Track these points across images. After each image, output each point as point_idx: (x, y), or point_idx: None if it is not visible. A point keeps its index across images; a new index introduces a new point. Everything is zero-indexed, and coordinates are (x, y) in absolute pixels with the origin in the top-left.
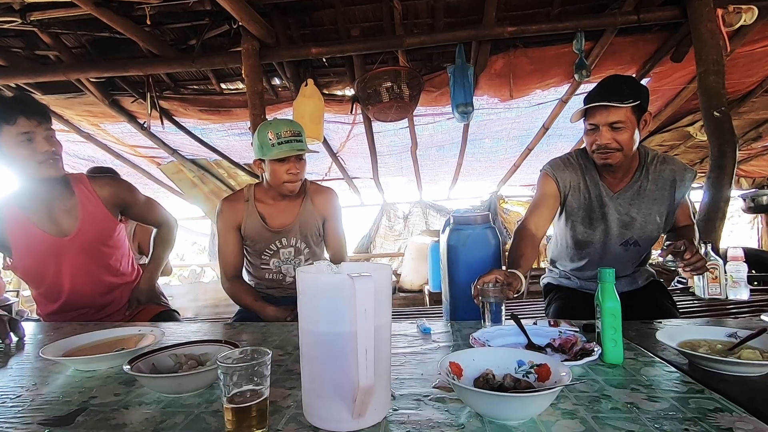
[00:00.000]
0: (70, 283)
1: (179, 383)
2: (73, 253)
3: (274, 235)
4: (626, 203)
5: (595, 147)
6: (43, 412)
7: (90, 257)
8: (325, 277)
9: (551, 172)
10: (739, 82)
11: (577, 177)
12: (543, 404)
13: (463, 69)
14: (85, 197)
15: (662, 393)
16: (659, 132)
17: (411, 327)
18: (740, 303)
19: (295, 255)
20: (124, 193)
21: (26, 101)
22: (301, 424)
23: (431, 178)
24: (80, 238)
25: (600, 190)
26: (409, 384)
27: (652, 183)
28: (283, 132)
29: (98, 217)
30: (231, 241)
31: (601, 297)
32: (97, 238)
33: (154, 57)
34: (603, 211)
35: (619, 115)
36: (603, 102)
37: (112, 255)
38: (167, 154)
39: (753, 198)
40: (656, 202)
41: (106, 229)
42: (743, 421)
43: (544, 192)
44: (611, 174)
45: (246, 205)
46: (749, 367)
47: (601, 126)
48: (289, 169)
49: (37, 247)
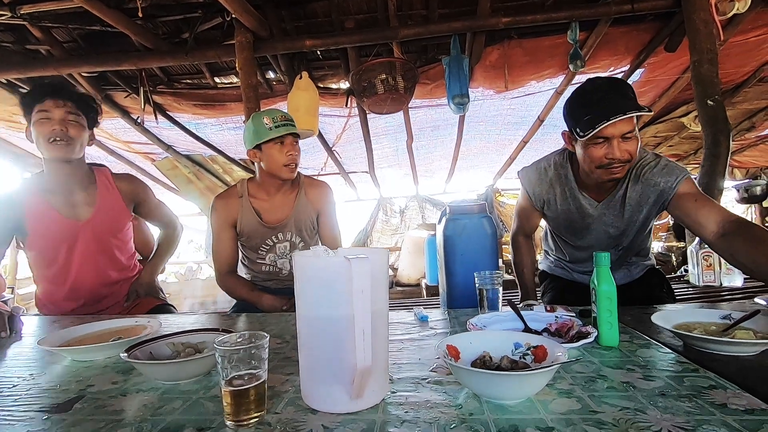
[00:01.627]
0: (77, 269)
1: (177, 370)
2: (85, 239)
3: (269, 230)
4: (611, 213)
5: (607, 162)
6: (40, 400)
7: (100, 246)
8: (321, 260)
9: (525, 185)
10: (733, 72)
11: (552, 190)
12: (540, 383)
13: (459, 60)
14: (104, 187)
15: (657, 372)
16: (653, 123)
17: (408, 315)
18: (734, 290)
19: (290, 249)
20: (141, 190)
21: (61, 86)
22: (299, 407)
23: (427, 168)
24: (94, 224)
25: (581, 203)
26: (407, 368)
27: (633, 190)
28: (278, 117)
29: (114, 208)
30: (225, 238)
31: (596, 280)
32: (109, 226)
33: (146, 51)
34: (586, 222)
35: (631, 125)
36: (628, 113)
37: (119, 249)
38: (162, 150)
39: (746, 189)
40: (641, 209)
41: (118, 220)
42: (737, 396)
43: (523, 201)
44: (596, 186)
45: (240, 201)
46: (743, 346)
47: (614, 138)
48: (288, 151)
49: (52, 227)
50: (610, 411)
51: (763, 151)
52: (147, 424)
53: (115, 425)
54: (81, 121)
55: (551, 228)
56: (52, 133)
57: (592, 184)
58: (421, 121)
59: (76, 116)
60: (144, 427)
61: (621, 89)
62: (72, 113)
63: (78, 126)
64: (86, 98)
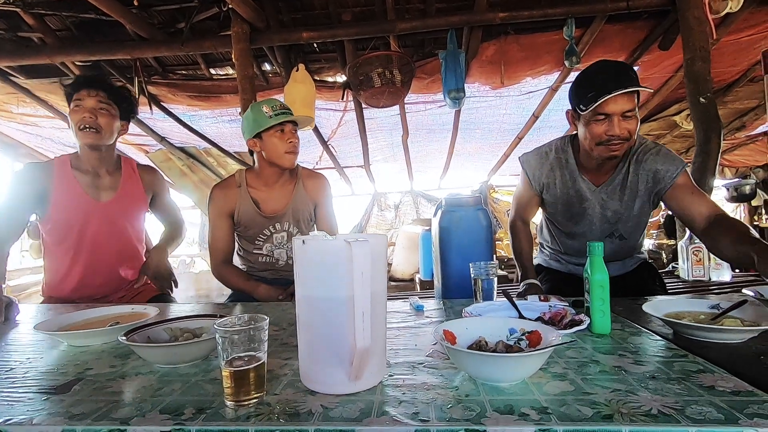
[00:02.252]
0: (88, 250)
1: (176, 353)
2: (100, 220)
3: (267, 220)
4: (609, 198)
5: (606, 138)
6: (38, 382)
7: (114, 230)
8: (322, 243)
9: (525, 168)
10: (725, 71)
11: (552, 174)
12: (535, 365)
13: (455, 55)
14: (128, 174)
15: (648, 358)
16: (646, 121)
17: (404, 305)
18: (722, 284)
19: (287, 240)
20: (159, 183)
21: (96, 77)
22: (298, 388)
23: (422, 165)
24: (112, 207)
25: (580, 185)
26: (404, 353)
27: (633, 174)
28: (277, 105)
29: (134, 194)
30: (222, 227)
31: (590, 270)
32: (126, 211)
33: (141, 40)
34: (583, 207)
35: (632, 103)
36: (628, 87)
37: (131, 239)
38: (155, 142)
39: (736, 187)
40: (639, 195)
41: (136, 207)
42: (724, 380)
43: (523, 186)
44: (596, 168)
45: (239, 191)
46: (731, 333)
47: (615, 115)
48: (289, 138)
49: (73, 201)
50: (602, 393)
51: (753, 150)
52: (147, 404)
53: (114, 405)
54: (112, 110)
55: (548, 216)
56: (83, 121)
57: (592, 168)
58: (417, 124)
59: (107, 105)
60: (144, 407)
61: (624, 69)
62: (103, 102)
63: (108, 115)
64: (120, 89)
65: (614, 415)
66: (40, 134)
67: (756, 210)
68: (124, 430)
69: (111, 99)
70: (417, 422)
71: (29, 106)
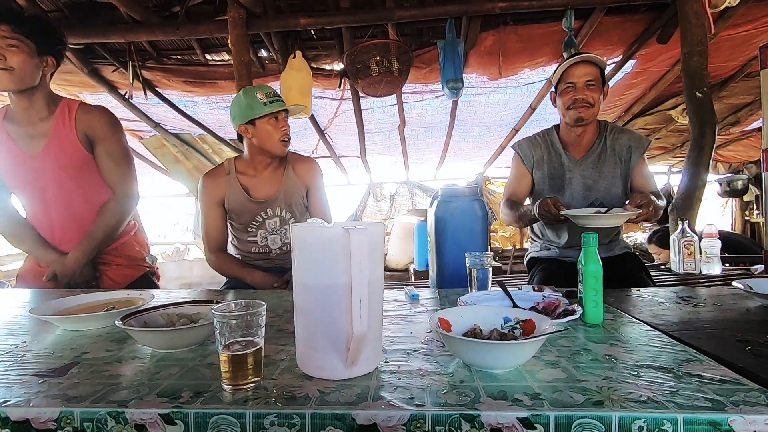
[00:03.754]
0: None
1: (173, 338)
2: (37, 173)
3: (258, 206)
4: (589, 168)
5: (571, 103)
6: (35, 365)
7: (58, 185)
8: (320, 230)
9: (518, 151)
10: (721, 66)
11: (540, 152)
12: (528, 353)
13: (454, 44)
14: (61, 120)
15: (638, 347)
16: (642, 115)
17: (399, 294)
18: (713, 277)
19: (280, 225)
20: (98, 125)
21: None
22: (295, 374)
23: (418, 157)
24: (43, 157)
25: (563, 160)
26: (399, 341)
27: (610, 149)
28: (270, 92)
29: (65, 142)
30: (214, 216)
31: (584, 261)
32: (60, 162)
33: (135, 23)
34: (567, 177)
35: (593, 74)
36: (584, 56)
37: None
38: (150, 128)
39: (729, 183)
40: (616, 166)
41: (67, 157)
42: (712, 368)
43: (516, 170)
44: (576, 142)
45: (228, 179)
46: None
47: (578, 82)
48: (282, 126)
49: (10, 160)
50: (594, 380)
51: (747, 146)
52: (144, 387)
53: (112, 388)
54: (24, 47)
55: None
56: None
57: (573, 143)
58: (414, 123)
59: (18, 41)
60: (141, 390)
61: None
62: (11, 38)
63: (20, 52)
64: (31, 19)
65: (605, 401)
66: None
67: (747, 205)
68: (122, 412)
69: (22, 33)
70: (412, 407)
71: None
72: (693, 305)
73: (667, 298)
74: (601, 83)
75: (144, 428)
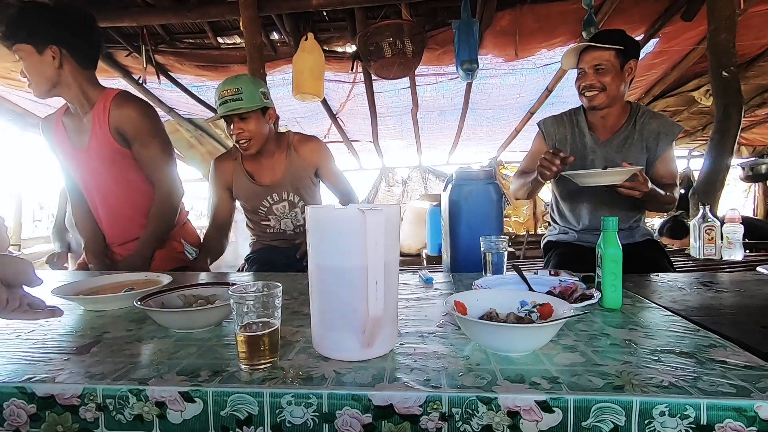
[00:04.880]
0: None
1: (191, 318)
2: (87, 168)
3: (264, 190)
4: (613, 151)
5: (581, 89)
6: (58, 344)
7: (104, 179)
8: (336, 211)
9: (542, 128)
10: (749, 44)
11: (564, 131)
12: (547, 336)
13: (469, 24)
14: (98, 115)
15: (659, 332)
16: (663, 97)
17: (413, 277)
18: (734, 263)
19: (290, 209)
20: (129, 120)
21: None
22: (311, 354)
23: (431, 142)
24: (90, 153)
25: (586, 140)
26: (414, 324)
27: (638, 134)
28: (222, 92)
29: (101, 137)
30: (222, 198)
31: (603, 244)
32: (101, 158)
33: (147, 6)
34: (589, 158)
35: (601, 58)
36: (589, 43)
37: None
38: (164, 113)
39: (752, 167)
40: (642, 152)
41: (109, 153)
42: (737, 354)
43: (536, 146)
44: (601, 124)
45: (234, 164)
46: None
47: (587, 68)
48: (234, 131)
49: (68, 157)
50: (613, 364)
51: None
52: (164, 366)
53: (132, 367)
54: (23, 53)
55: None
56: (22, 75)
57: (599, 125)
58: (427, 106)
59: (24, 52)
60: (161, 368)
61: (604, 32)
62: (21, 51)
63: (28, 59)
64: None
65: (625, 386)
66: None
67: None
68: (142, 389)
69: (23, 41)
70: (429, 388)
71: None
72: (715, 291)
73: (687, 284)
74: (619, 64)
75: (164, 405)
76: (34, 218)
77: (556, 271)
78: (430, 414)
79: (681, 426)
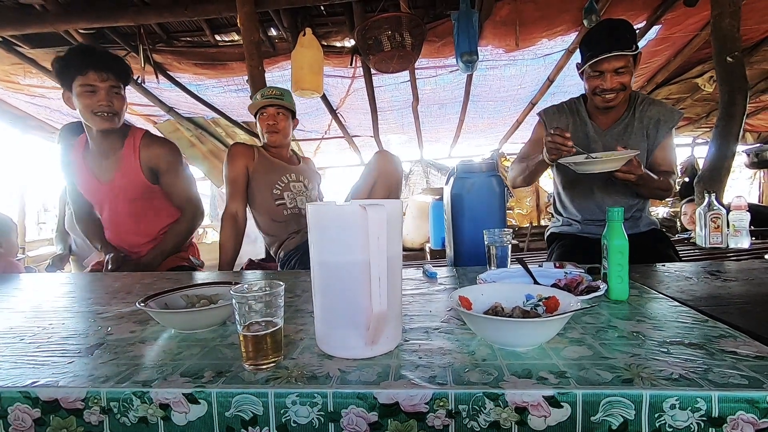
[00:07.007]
0: (110, 226)
1: (194, 318)
2: (110, 199)
3: (283, 167)
4: (613, 139)
5: (599, 91)
6: (61, 346)
7: (124, 210)
8: (337, 207)
9: (543, 117)
10: (753, 28)
11: (566, 120)
12: (554, 330)
13: (468, 15)
14: (129, 151)
15: (667, 324)
16: (666, 84)
17: (417, 272)
18: (740, 251)
19: (303, 190)
20: (160, 158)
21: (101, 56)
22: (315, 353)
23: (432, 136)
24: (114, 187)
25: (587, 129)
26: (418, 320)
27: (638, 121)
28: (266, 91)
29: (131, 174)
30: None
31: (609, 235)
32: (127, 191)
33: (144, 5)
34: (591, 148)
35: (624, 61)
36: (614, 52)
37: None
38: (163, 113)
39: (757, 153)
40: (642, 139)
41: (133, 187)
42: (747, 345)
43: (536, 134)
44: (603, 114)
45: (255, 149)
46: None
47: (607, 72)
48: (266, 119)
49: (86, 185)
50: (622, 357)
51: None
52: (168, 367)
53: (136, 369)
54: (122, 91)
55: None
56: (99, 108)
57: (599, 114)
58: (427, 99)
59: (118, 88)
60: (165, 370)
61: (619, 32)
62: (115, 86)
63: (120, 97)
64: (121, 63)
65: (634, 379)
66: (48, 106)
67: None
68: (146, 392)
69: (120, 79)
70: (435, 385)
71: (36, 77)
72: (722, 280)
73: (694, 273)
74: (633, 62)
75: (168, 407)
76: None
77: (561, 263)
78: (436, 411)
79: (692, 419)
